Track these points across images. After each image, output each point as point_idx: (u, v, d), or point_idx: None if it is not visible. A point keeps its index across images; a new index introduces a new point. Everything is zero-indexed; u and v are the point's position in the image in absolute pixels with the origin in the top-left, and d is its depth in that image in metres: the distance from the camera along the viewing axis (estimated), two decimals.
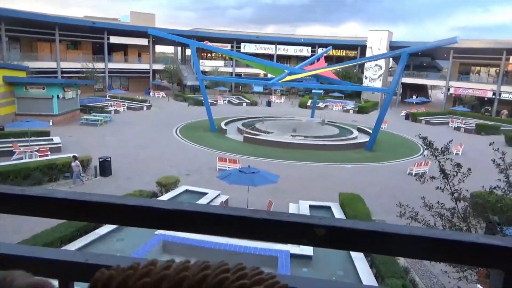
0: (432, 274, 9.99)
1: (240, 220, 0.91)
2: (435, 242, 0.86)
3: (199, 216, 0.92)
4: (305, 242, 0.90)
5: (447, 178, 6.46)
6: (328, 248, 0.99)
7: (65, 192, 0.98)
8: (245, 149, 23.65)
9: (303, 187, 16.73)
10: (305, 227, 0.89)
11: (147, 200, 0.95)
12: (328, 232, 0.88)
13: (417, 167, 19.51)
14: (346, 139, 27.30)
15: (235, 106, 45.57)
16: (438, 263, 6.27)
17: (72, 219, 1.00)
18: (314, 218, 0.90)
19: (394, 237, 0.86)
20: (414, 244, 0.87)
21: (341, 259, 10.04)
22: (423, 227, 5.57)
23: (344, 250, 0.97)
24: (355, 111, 44.87)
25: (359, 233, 0.87)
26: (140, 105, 39.67)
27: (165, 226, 0.97)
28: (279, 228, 0.90)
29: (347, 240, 0.90)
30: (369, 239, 0.87)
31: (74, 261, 0.99)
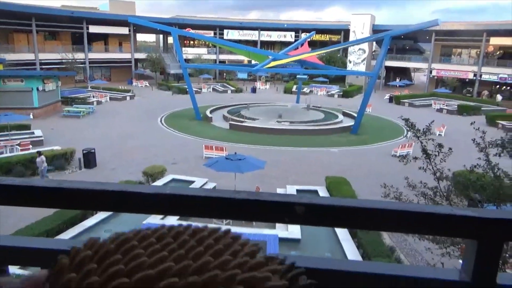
0: (417, 252, 10.27)
1: (223, 202, 0.92)
2: (410, 215, 0.90)
3: (182, 199, 0.93)
4: (286, 220, 0.92)
5: (429, 159, 6.61)
6: (309, 225, 1.02)
7: (43, 180, 0.98)
8: (231, 136, 23.63)
9: (290, 172, 16.86)
10: (286, 206, 0.91)
11: (128, 186, 0.95)
12: (308, 210, 0.90)
13: (401, 149, 19.83)
14: (331, 124, 27.50)
15: (220, 94, 45.30)
16: (422, 241, 6.45)
17: (50, 207, 1.00)
18: (294, 196, 0.92)
19: (371, 211, 0.89)
20: (390, 218, 0.90)
21: (328, 241, 10.23)
22: (400, 202, 5.71)
23: (324, 227, 1.00)
24: (340, 96, 45.10)
25: (337, 210, 0.90)
26: (123, 95, 39.08)
27: (148, 211, 0.98)
28: (260, 208, 0.92)
29: (326, 217, 0.92)
30: (347, 215, 0.90)
31: (62, 249, 0.99)
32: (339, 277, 0.96)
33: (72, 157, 17.38)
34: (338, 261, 1.19)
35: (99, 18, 47.81)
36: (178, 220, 10.60)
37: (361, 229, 1.54)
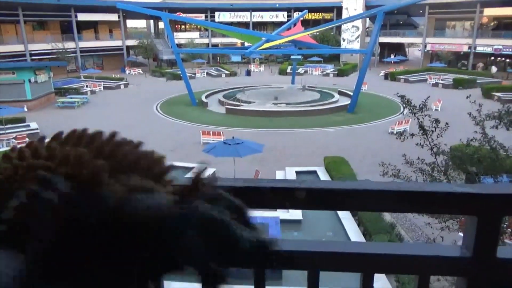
0: (417, 227, 10.41)
1: (222, 189, 0.92)
2: (411, 195, 0.90)
3: None
4: (288, 205, 0.93)
5: (426, 134, 6.63)
6: (310, 209, 1.02)
7: None
8: (228, 121, 23.57)
9: (289, 154, 16.91)
10: (286, 192, 0.91)
11: None
12: (308, 194, 0.90)
13: (398, 126, 19.86)
14: (327, 103, 27.43)
15: (214, 78, 44.94)
16: (421, 216, 6.54)
17: None
18: (294, 182, 0.92)
19: (371, 193, 0.90)
20: (390, 199, 0.90)
21: (329, 221, 10.34)
22: (400, 182, 5.74)
23: (325, 210, 1.00)
24: (335, 75, 44.84)
25: (337, 193, 0.90)
26: (117, 84, 38.72)
27: None
28: (260, 195, 0.92)
29: (327, 201, 0.93)
30: (348, 198, 0.91)
31: None
32: (342, 259, 0.97)
33: None
34: (340, 243, 1.21)
35: (87, 5, 46.88)
36: None
37: (363, 211, 1.55)
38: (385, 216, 10.39)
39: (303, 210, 10.31)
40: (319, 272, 1.01)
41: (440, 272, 1.00)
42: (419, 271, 0.97)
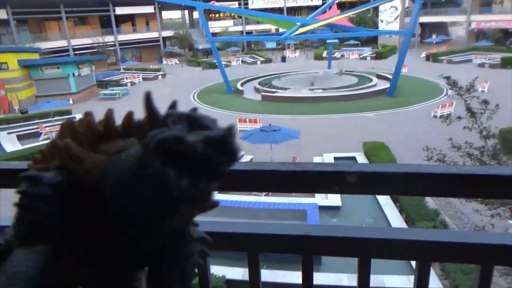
0: (463, 214, 9.97)
1: (268, 175, 0.89)
2: (473, 178, 0.83)
3: (230, 173, 0.90)
4: (337, 190, 0.88)
5: (475, 117, 6.26)
6: (360, 194, 0.97)
7: None
8: (264, 108, 23.52)
9: (326, 140, 16.66)
10: (335, 175, 0.87)
11: None
12: (359, 178, 0.85)
13: (442, 109, 19.00)
14: (365, 88, 26.67)
15: (249, 66, 44.88)
16: (469, 202, 6.23)
17: None
18: (344, 165, 0.87)
19: (429, 177, 0.83)
20: (451, 182, 0.83)
21: (369, 207, 10.13)
22: (461, 166, 5.47)
23: (376, 195, 0.95)
24: (373, 58, 43.46)
25: (391, 176, 0.84)
26: (154, 75, 39.61)
27: None
28: (309, 179, 0.88)
29: (379, 184, 0.87)
30: (403, 181, 0.85)
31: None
32: (397, 247, 0.92)
33: None
34: (395, 229, 1.15)
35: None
36: (218, 193, 10.84)
37: (417, 196, 1.48)
38: (428, 203, 10.03)
39: (342, 196, 10.16)
40: (370, 260, 0.96)
41: (507, 263, 0.92)
42: (482, 261, 0.90)
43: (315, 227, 0.97)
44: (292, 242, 0.96)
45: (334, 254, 0.95)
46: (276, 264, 7.29)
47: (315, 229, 0.97)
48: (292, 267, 7.06)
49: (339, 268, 7.02)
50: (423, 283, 0.95)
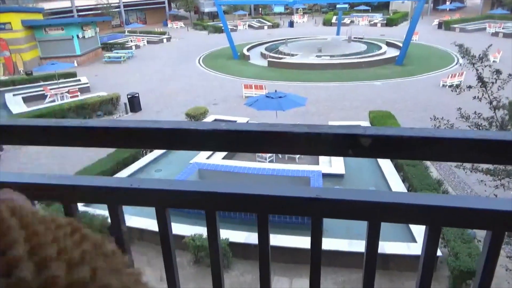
0: (466, 185, 10.02)
1: (281, 136, 0.87)
2: (490, 143, 0.81)
3: (238, 135, 0.89)
4: (350, 153, 0.87)
5: (485, 87, 6.13)
6: (375, 157, 0.96)
7: (98, 120, 0.97)
8: (270, 74, 23.22)
9: (332, 108, 16.54)
10: (350, 138, 0.85)
11: (184, 123, 0.93)
12: (374, 142, 0.83)
13: (451, 79, 18.66)
14: (374, 55, 26.13)
15: (256, 30, 43.92)
16: (474, 173, 6.23)
17: (107, 147, 1.00)
18: (359, 128, 0.85)
19: (446, 142, 0.81)
20: (467, 147, 0.81)
21: (373, 176, 10.19)
22: (476, 130, 5.42)
23: (391, 159, 0.94)
24: (383, 24, 42.31)
25: (408, 140, 0.82)
26: (159, 38, 38.96)
27: (204, 147, 0.95)
28: (322, 141, 0.86)
29: (394, 148, 0.85)
30: (419, 146, 0.83)
31: (121, 187, 1.01)
32: (406, 211, 0.91)
33: (118, 102, 17.96)
34: (404, 194, 1.15)
35: None
36: (223, 159, 10.93)
37: (433, 161, 1.49)
38: (432, 173, 10.07)
39: (346, 164, 10.21)
40: (380, 224, 0.96)
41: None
42: (493, 227, 0.89)
43: (326, 189, 0.96)
44: (302, 204, 0.96)
45: (344, 217, 0.95)
46: (277, 229, 7.45)
47: (325, 191, 0.96)
48: (295, 233, 7.21)
49: (340, 234, 7.15)
50: (432, 249, 0.96)
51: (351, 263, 6.74)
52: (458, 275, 6.14)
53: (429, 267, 0.99)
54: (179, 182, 1.08)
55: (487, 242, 0.91)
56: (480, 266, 0.95)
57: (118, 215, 1.07)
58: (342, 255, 6.79)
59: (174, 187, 1.02)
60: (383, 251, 6.61)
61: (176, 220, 5.69)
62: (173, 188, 1.02)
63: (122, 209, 1.09)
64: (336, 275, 6.83)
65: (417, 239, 7.02)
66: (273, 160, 11.47)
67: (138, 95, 17.53)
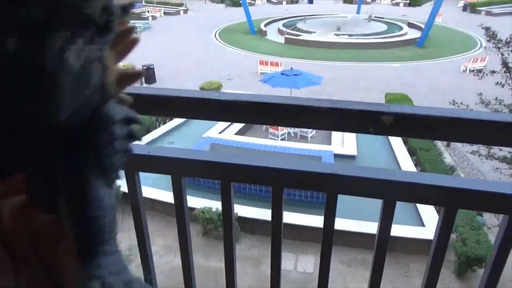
0: (480, 172, 9.89)
1: (303, 110, 0.86)
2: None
3: (260, 106, 0.88)
4: (371, 131, 0.86)
5: (510, 72, 5.94)
6: (396, 136, 0.95)
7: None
8: (287, 51, 22.88)
9: (348, 89, 16.31)
10: (372, 115, 0.84)
11: (206, 93, 0.92)
12: (397, 120, 0.82)
13: (473, 63, 18.13)
14: (394, 36, 25.47)
15: (274, 6, 43.05)
16: (489, 160, 6.13)
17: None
18: (382, 105, 0.84)
19: (472, 123, 0.79)
20: (494, 129, 0.80)
21: (385, 158, 10.11)
22: (503, 113, 5.30)
23: (414, 138, 0.93)
24: (406, 4, 41.03)
25: (433, 120, 0.81)
26: (176, 9, 38.51)
27: (225, 118, 0.95)
28: (343, 117, 0.85)
29: (418, 127, 0.84)
30: (445, 126, 0.81)
31: (138, 154, 1.02)
32: (421, 191, 0.91)
33: None
34: (419, 174, 1.14)
35: None
36: (235, 135, 10.95)
37: (455, 142, 1.46)
38: (445, 158, 9.95)
39: (359, 145, 10.15)
40: (395, 203, 0.96)
41: None
42: (510, 211, 0.88)
43: (342, 166, 0.96)
44: (319, 180, 0.96)
45: (359, 195, 0.95)
46: (286, 207, 7.51)
47: (342, 168, 0.96)
48: (303, 211, 7.26)
49: (347, 214, 7.18)
50: (446, 231, 0.95)
51: (358, 243, 6.79)
52: (465, 261, 6.15)
53: (441, 250, 0.99)
54: (196, 152, 1.08)
55: (503, 226, 0.90)
56: (494, 251, 0.95)
57: (135, 182, 1.09)
58: (349, 235, 6.84)
59: (191, 156, 1.03)
60: (391, 233, 6.63)
61: (187, 193, 5.77)
62: (190, 157, 1.02)
63: (139, 177, 1.10)
64: (341, 253, 6.91)
65: (425, 224, 7.02)
66: (285, 138, 11.45)
67: (153, 66, 17.51)
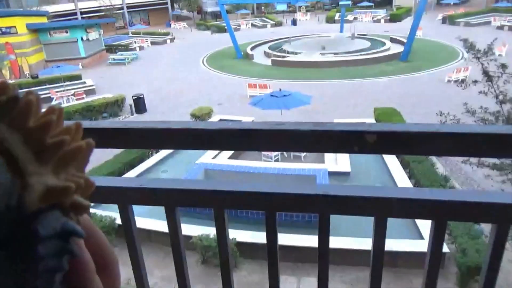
0: (473, 180, 9.96)
1: (288, 134, 0.89)
2: (496, 137, 0.82)
3: (247, 133, 0.90)
4: (356, 150, 0.88)
5: (491, 81, 6.10)
6: (381, 153, 0.97)
7: (109, 121, 0.99)
8: (274, 73, 23.21)
9: (337, 106, 16.50)
10: (355, 135, 0.86)
11: (192, 123, 0.94)
12: (379, 138, 0.85)
13: (456, 74, 18.53)
14: (378, 52, 26.02)
15: (259, 29, 43.90)
16: (480, 168, 6.20)
17: (118, 147, 1.02)
18: (364, 125, 0.86)
19: (451, 137, 0.82)
20: (473, 142, 0.82)
21: (379, 173, 10.16)
22: (482, 125, 5.39)
23: (396, 154, 0.95)
24: (387, 20, 42.13)
25: (412, 136, 0.84)
26: (163, 39, 39.06)
27: (213, 147, 0.97)
28: (328, 139, 0.87)
29: (400, 144, 0.87)
30: (425, 141, 0.84)
31: (131, 187, 1.03)
32: (413, 206, 0.92)
33: (123, 104, 18.05)
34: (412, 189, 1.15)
35: None
36: (228, 159, 10.95)
37: (439, 156, 1.48)
38: (438, 169, 10.02)
39: (352, 162, 10.19)
40: (386, 220, 0.98)
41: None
42: (499, 220, 0.90)
43: (333, 186, 0.98)
44: (309, 202, 0.98)
45: (351, 213, 0.96)
46: (283, 228, 7.46)
47: (331, 188, 0.98)
48: (301, 232, 7.21)
49: (348, 232, 7.14)
50: (437, 243, 0.97)
51: (360, 261, 6.73)
52: (466, 271, 6.11)
53: (435, 262, 1.00)
54: (188, 181, 1.10)
55: (492, 236, 0.92)
56: (485, 261, 0.96)
57: (128, 214, 1.09)
58: (350, 253, 6.78)
59: (183, 186, 1.04)
60: (390, 248, 6.59)
61: (183, 221, 5.72)
62: (182, 187, 1.04)
63: (133, 209, 1.11)
64: (344, 273, 6.83)
65: (424, 236, 7.00)
66: (279, 159, 11.48)
67: (143, 96, 17.61)
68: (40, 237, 0.28)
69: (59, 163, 0.31)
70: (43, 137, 0.30)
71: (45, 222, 0.29)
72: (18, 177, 0.27)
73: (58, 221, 0.30)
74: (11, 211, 0.27)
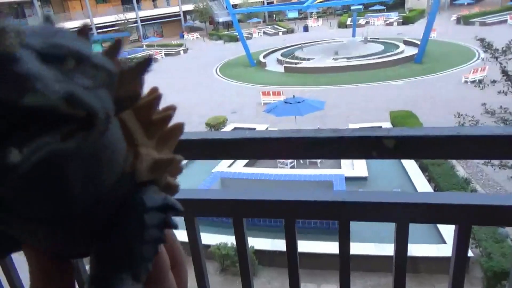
0: (495, 182, 9.71)
1: (305, 142, 0.89)
2: None
3: (263, 142, 0.91)
4: (374, 155, 0.87)
5: (511, 80, 5.96)
6: (399, 158, 0.96)
7: None
8: (288, 80, 23.23)
9: (352, 110, 16.38)
10: (373, 141, 0.85)
11: (208, 133, 0.95)
12: (398, 143, 0.84)
13: (473, 74, 18.19)
14: (392, 55, 25.78)
15: (271, 37, 44.10)
16: (503, 169, 6.04)
17: None
18: (382, 130, 0.86)
19: (472, 139, 0.81)
20: (494, 144, 0.81)
21: (397, 177, 10.00)
22: (503, 126, 5.26)
23: (415, 159, 0.94)
24: (400, 23, 41.77)
25: (432, 140, 0.83)
26: (176, 50, 39.59)
27: (230, 156, 0.98)
28: (345, 145, 0.87)
29: (419, 149, 0.85)
30: (444, 145, 0.83)
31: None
32: (435, 211, 0.91)
33: None
34: (433, 194, 1.14)
35: None
36: (244, 167, 10.96)
37: (458, 159, 1.44)
38: (459, 171, 9.81)
39: (369, 167, 10.08)
40: (408, 225, 0.96)
41: None
42: None
43: (351, 193, 0.97)
44: (329, 208, 0.97)
45: (371, 220, 0.95)
46: (302, 235, 7.40)
47: (351, 195, 0.97)
48: (320, 238, 7.14)
49: (366, 238, 7.04)
50: (462, 249, 0.95)
51: (380, 267, 6.62)
52: (492, 276, 5.94)
53: (460, 267, 0.98)
54: (206, 191, 1.10)
55: None
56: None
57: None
58: (370, 259, 6.68)
59: (201, 196, 1.05)
60: (411, 253, 6.46)
61: (200, 230, 5.74)
62: (200, 197, 1.04)
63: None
64: (364, 279, 6.72)
65: (446, 241, 6.84)
66: (295, 165, 11.43)
67: None
68: (147, 208, 0.31)
69: (161, 140, 0.35)
70: (150, 113, 0.34)
71: (149, 194, 0.32)
72: (132, 146, 0.31)
73: (159, 195, 0.33)
74: (126, 178, 0.29)
